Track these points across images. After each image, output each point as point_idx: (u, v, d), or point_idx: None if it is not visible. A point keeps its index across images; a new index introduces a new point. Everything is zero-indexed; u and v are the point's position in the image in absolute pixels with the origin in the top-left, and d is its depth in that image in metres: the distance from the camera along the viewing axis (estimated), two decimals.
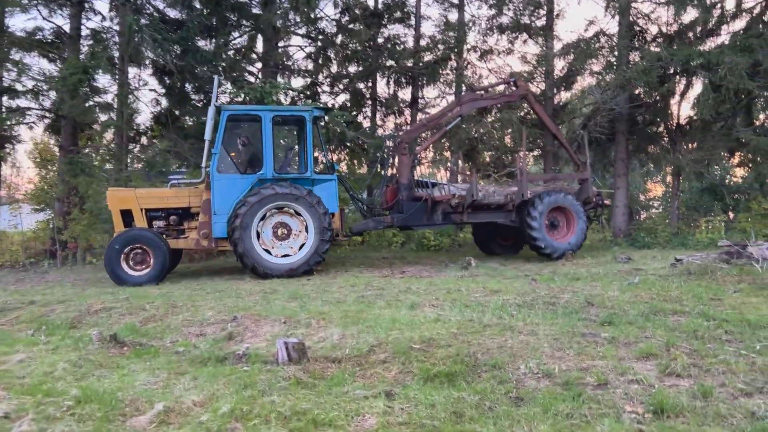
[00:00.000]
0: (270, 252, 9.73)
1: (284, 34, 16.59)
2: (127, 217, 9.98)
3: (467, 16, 17.97)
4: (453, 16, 17.91)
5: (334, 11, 17.53)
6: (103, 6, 33.40)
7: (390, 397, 3.72)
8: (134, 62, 15.43)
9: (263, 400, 3.67)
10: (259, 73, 16.26)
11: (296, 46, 18.28)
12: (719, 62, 13.19)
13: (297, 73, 17.87)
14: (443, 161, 19.91)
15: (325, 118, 12.12)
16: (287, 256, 9.81)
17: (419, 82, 17.58)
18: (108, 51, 15.01)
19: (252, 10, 15.44)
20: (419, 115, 17.45)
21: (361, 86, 17.89)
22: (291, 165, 11.13)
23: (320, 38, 17.37)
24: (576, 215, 11.64)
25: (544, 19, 17.32)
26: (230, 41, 16.29)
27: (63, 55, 15.62)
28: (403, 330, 5.06)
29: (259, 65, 16.51)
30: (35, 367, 4.52)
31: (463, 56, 17.63)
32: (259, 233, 9.69)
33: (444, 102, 18.49)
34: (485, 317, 5.52)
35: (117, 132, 14.95)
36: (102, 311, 6.52)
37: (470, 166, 16.82)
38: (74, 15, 15.10)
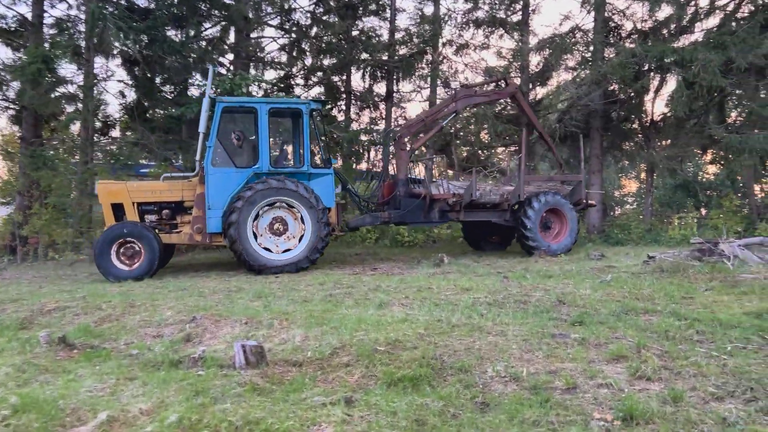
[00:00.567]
0: (269, 249, 9.58)
1: (257, 25, 16.23)
2: (118, 211, 9.71)
3: (443, 10, 17.84)
4: (429, 10, 17.80)
5: (308, 2, 17.25)
6: None
7: (350, 404, 3.53)
8: (101, 52, 14.95)
9: (215, 409, 3.44)
10: (231, 65, 15.88)
11: (269, 38, 17.97)
12: (693, 59, 13.25)
13: (270, 65, 17.54)
14: (422, 156, 19.76)
15: (321, 111, 11.94)
16: (288, 251, 9.66)
17: (394, 76, 17.38)
18: (74, 40, 14.52)
19: (223, 0, 15.07)
20: (394, 110, 17.27)
21: (336, 79, 17.62)
22: (286, 159, 10.92)
23: (294, 30, 17.05)
24: (568, 216, 11.73)
25: (520, 14, 17.24)
26: (202, 32, 15.89)
27: (27, 44, 15.08)
28: (369, 331, 4.87)
29: (231, 57, 16.14)
30: None
31: (439, 50, 17.47)
32: (255, 230, 9.51)
33: (419, 96, 18.36)
34: (454, 317, 5.36)
35: (83, 124, 14.49)
36: (56, 311, 6.21)
37: (459, 164, 16.70)
38: (36, 2, 14.56)
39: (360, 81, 17.96)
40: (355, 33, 16.84)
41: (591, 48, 16.00)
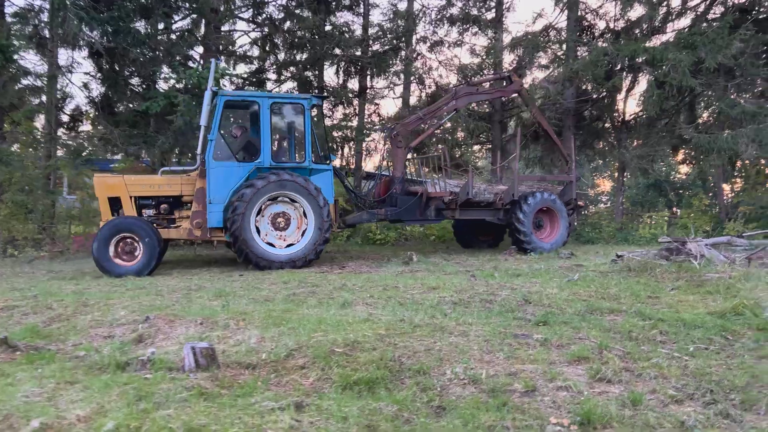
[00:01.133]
0: (272, 244, 9.49)
1: (227, 17, 15.90)
2: (115, 205, 9.47)
3: (417, 6, 17.71)
4: (402, 5, 17.61)
5: None
6: None
7: (300, 409, 3.37)
8: (67, 43, 14.50)
9: (156, 415, 3.25)
10: (201, 59, 15.54)
11: (241, 31, 17.66)
12: (663, 59, 13.32)
13: (242, 59, 17.23)
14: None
15: (322, 106, 11.76)
16: (291, 246, 9.59)
17: (368, 72, 17.20)
18: (38, 30, 14.07)
19: None
20: (367, 106, 17.10)
21: (309, 74, 17.38)
22: (286, 153, 10.80)
23: (266, 24, 16.77)
24: (560, 216, 11.84)
25: (494, 12, 17.20)
26: (172, 24, 15.52)
27: None
28: (328, 332, 4.71)
29: (201, 50, 15.79)
30: None
31: (412, 47, 17.34)
32: (258, 225, 9.39)
33: (392, 93, 18.22)
34: (417, 317, 5.23)
35: (46, 117, 14.05)
36: (3, 310, 5.93)
37: (447, 163, 16.56)
38: None
39: (333, 76, 17.77)
40: (328, 28, 16.61)
41: (564, 46, 16.02)
